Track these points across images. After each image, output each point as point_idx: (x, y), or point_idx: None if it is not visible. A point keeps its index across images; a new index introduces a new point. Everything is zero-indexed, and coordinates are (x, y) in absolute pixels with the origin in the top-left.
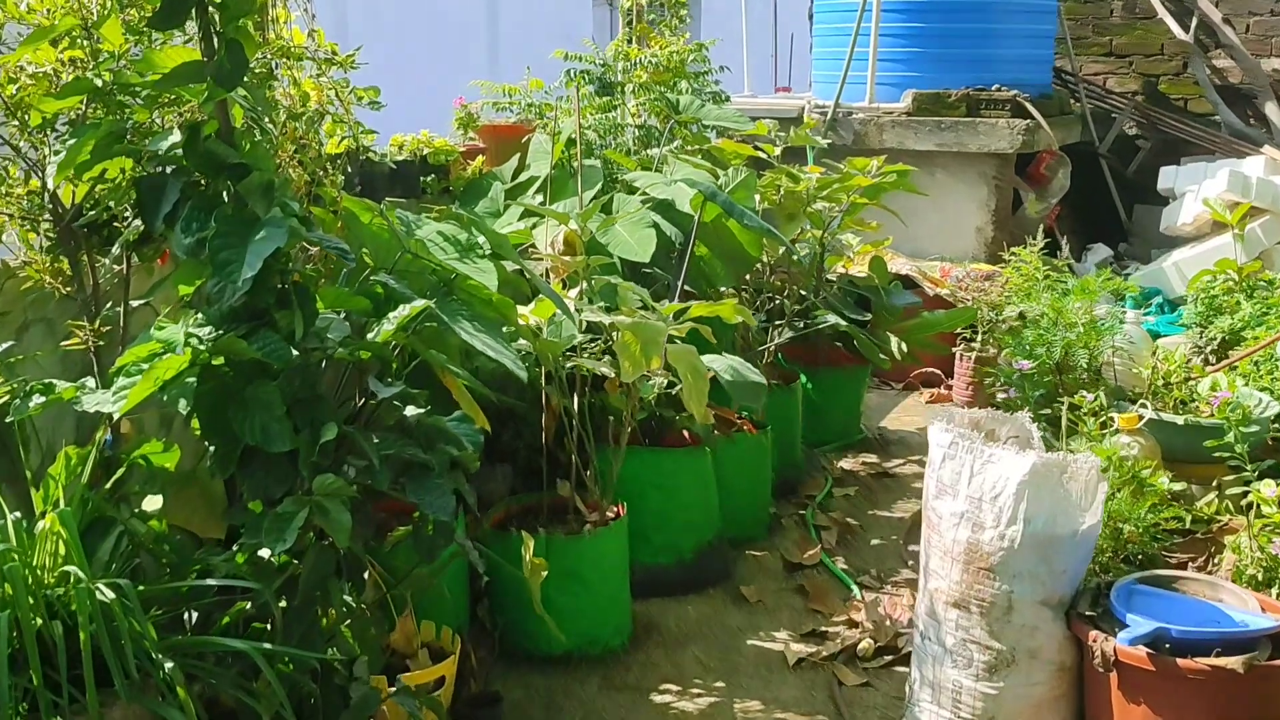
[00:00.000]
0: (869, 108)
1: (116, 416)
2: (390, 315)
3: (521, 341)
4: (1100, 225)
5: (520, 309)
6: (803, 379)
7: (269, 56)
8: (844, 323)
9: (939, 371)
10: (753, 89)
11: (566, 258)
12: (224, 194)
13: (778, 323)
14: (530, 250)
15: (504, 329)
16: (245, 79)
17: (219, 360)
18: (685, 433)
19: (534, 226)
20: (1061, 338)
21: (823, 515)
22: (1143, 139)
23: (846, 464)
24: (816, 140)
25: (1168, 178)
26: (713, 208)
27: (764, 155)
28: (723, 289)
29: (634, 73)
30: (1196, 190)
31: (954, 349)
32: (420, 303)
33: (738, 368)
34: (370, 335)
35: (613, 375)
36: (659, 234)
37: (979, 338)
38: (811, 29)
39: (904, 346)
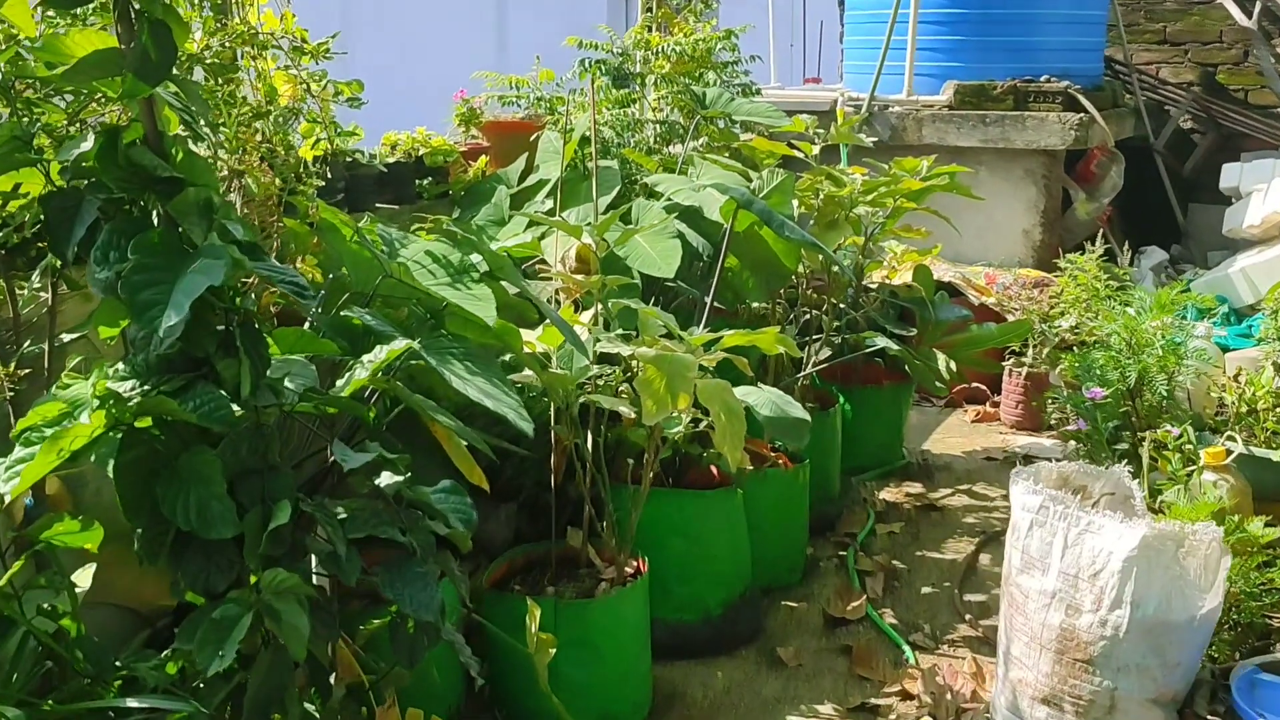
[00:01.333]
0: (907, 100)
1: (7, 500)
2: (365, 358)
3: (527, 372)
4: (1153, 226)
5: (526, 334)
6: (840, 399)
7: (229, 44)
8: (894, 345)
9: (984, 386)
10: (779, 80)
11: (579, 276)
12: (153, 215)
13: (813, 337)
14: (539, 266)
15: (506, 357)
16: (176, 72)
17: (146, 422)
18: (713, 469)
19: (542, 237)
20: (1137, 362)
21: (865, 558)
22: (1198, 133)
23: (888, 494)
24: (860, 139)
25: (1231, 175)
26: (746, 216)
27: (800, 154)
28: (754, 304)
29: (655, 62)
30: (1265, 189)
31: (1002, 364)
32: (401, 344)
33: (778, 402)
34: (340, 382)
35: (632, 415)
36: (684, 245)
37: (1030, 352)
38: (842, 15)
39: (953, 366)
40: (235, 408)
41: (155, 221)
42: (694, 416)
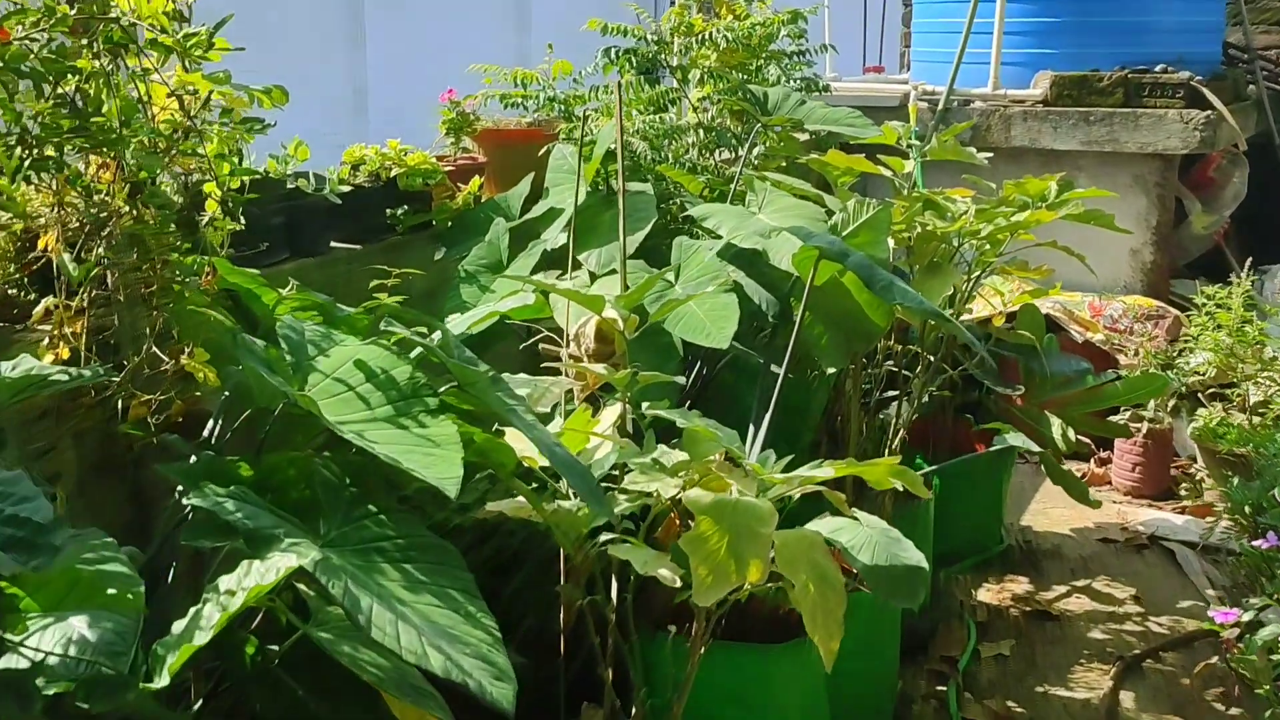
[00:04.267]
0: (992, 95)
1: None
2: (204, 615)
3: (519, 500)
4: (1274, 240)
5: (520, 444)
6: (922, 464)
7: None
8: (1030, 444)
9: (1087, 439)
10: (835, 69)
11: (598, 367)
12: None
13: (887, 394)
14: (544, 346)
15: (485, 474)
16: None
17: None
18: (779, 609)
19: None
20: None
21: (971, 701)
22: None
23: (989, 594)
24: (971, 153)
25: None
26: (831, 266)
27: (889, 172)
28: (828, 369)
29: (698, 52)
30: None
31: (1118, 422)
32: (274, 569)
33: (883, 543)
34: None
35: (675, 580)
36: (740, 298)
37: (1150, 403)
38: None
39: (1071, 434)
40: None
41: None
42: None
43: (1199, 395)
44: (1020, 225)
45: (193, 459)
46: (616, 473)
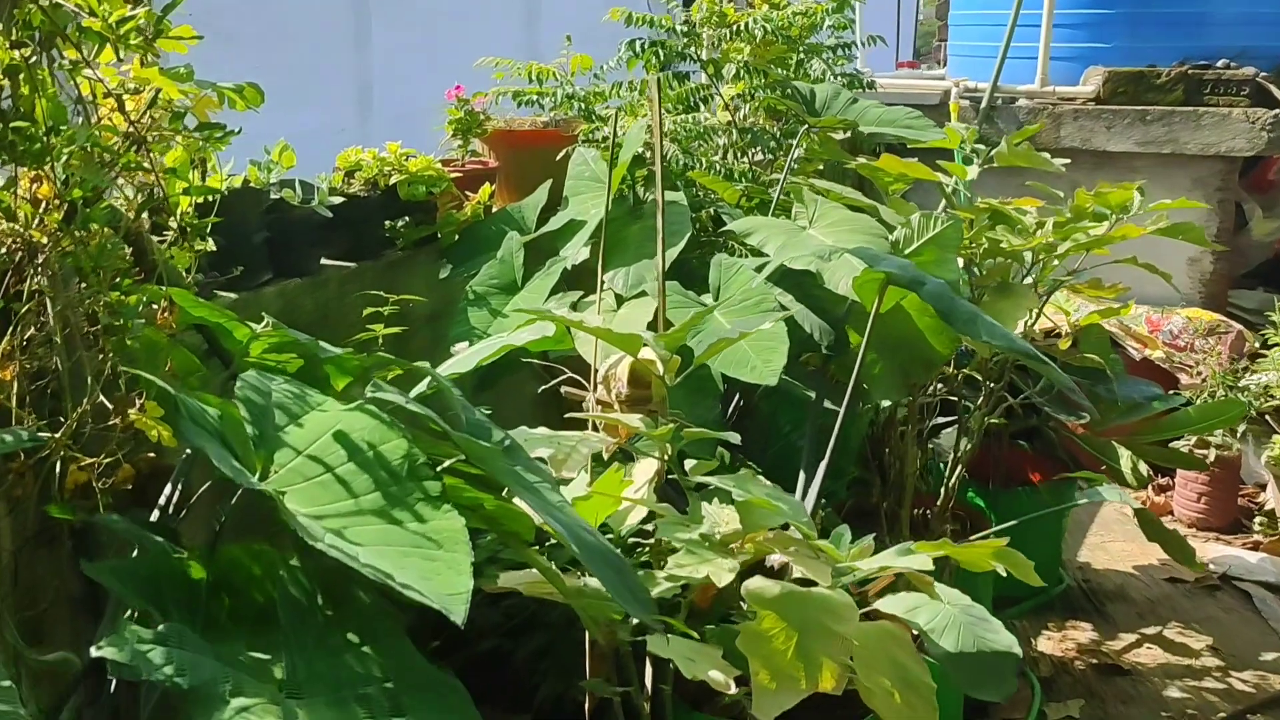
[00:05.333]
0: (1040, 92)
1: None
2: None
3: (536, 574)
4: None
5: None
6: (976, 500)
7: None
8: (1115, 492)
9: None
10: (867, 64)
11: (633, 419)
12: None
13: (939, 421)
14: (567, 391)
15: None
16: None
17: None
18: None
19: (574, 306)
20: None
21: None
22: None
23: (1051, 643)
24: (1045, 159)
25: None
26: (896, 291)
27: (948, 180)
28: (882, 402)
29: (730, 45)
30: None
31: (1187, 451)
32: None
33: (967, 626)
34: None
35: (728, 684)
36: (789, 325)
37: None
38: None
39: (1143, 468)
40: None
41: None
42: None
43: (1268, 419)
44: (1103, 241)
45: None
46: (650, 527)
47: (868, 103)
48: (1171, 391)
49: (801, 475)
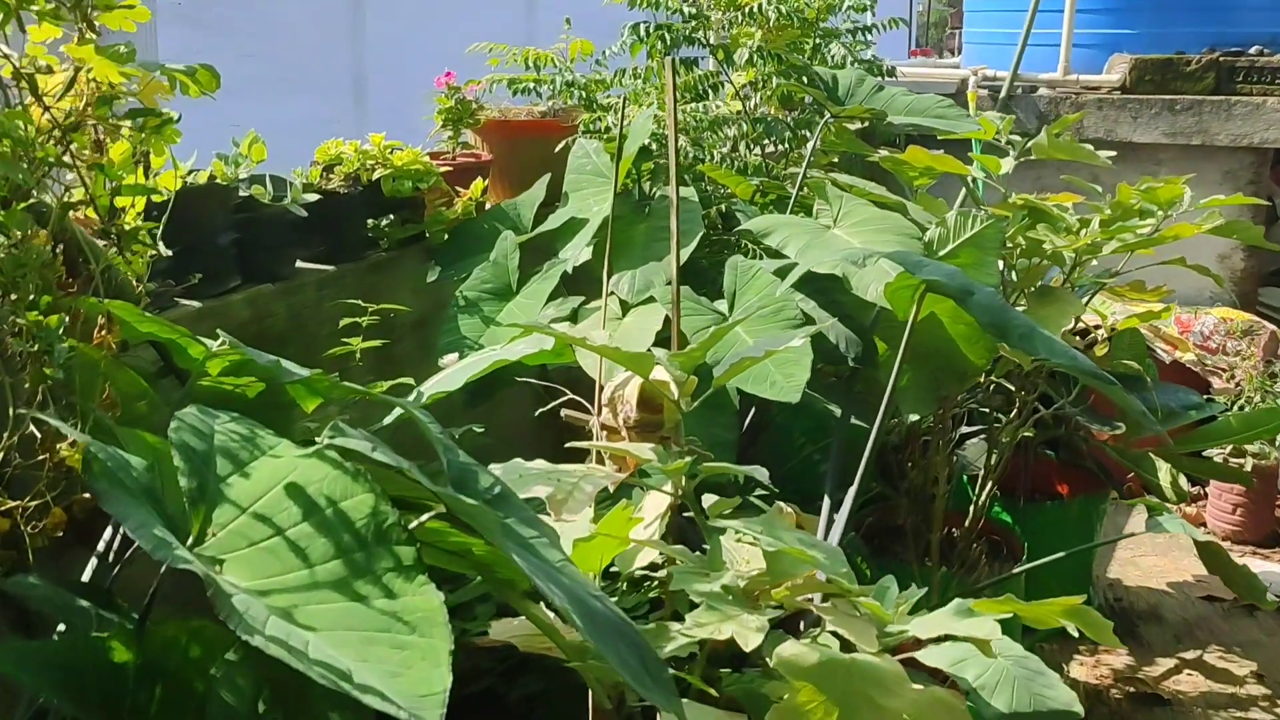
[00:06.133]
0: (1062, 80)
1: None
2: None
3: (527, 623)
4: None
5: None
6: (1003, 515)
7: None
8: (1196, 534)
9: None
10: (880, 53)
11: (643, 449)
12: None
13: (962, 430)
14: (569, 415)
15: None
16: None
17: None
18: None
19: (573, 317)
20: None
21: None
22: None
23: (1083, 669)
24: (1088, 150)
25: None
26: (934, 300)
27: (981, 174)
28: (910, 417)
29: (740, 28)
30: None
31: (1227, 462)
32: None
33: (1021, 681)
34: None
35: None
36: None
37: None
38: None
39: (1183, 482)
40: None
41: None
42: None
43: None
44: (1153, 242)
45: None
46: (659, 560)
47: (894, 90)
48: (1206, 397)
49: (826, 502)
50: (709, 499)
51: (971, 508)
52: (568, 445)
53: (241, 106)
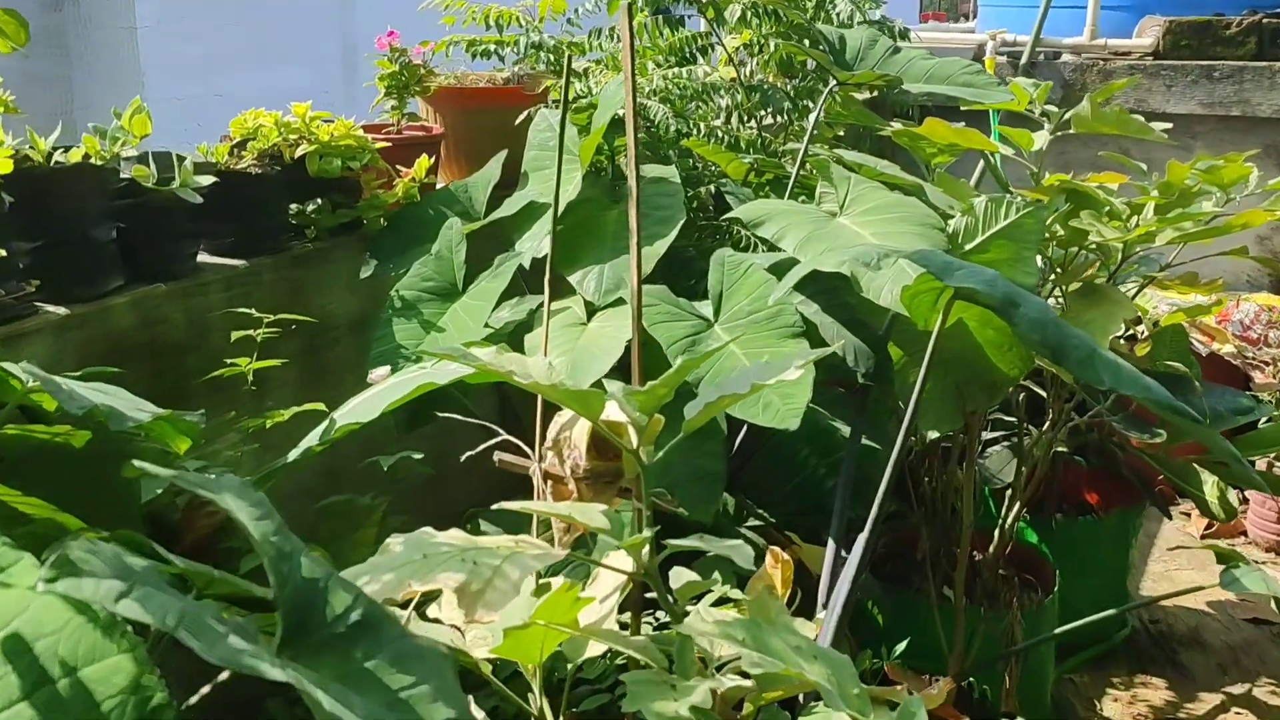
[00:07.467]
0: (1088, 45)
1: None
2: None
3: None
4: None
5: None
6: (1028, 533)
7: None
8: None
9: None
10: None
11: (593, 511)
12: None
13: (986, 438)
14: (502, 462)
15: None
16: None
17: None
18: None
19: (515, 331)
20: None
21: None
22: None
23: (1118, 706)
24: (1138, 122)
25: None
26: (964, 308)
27: (1009, 149)
28: (929, 433)
29: None
30: None
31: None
32: None
33: None
34: None
35: None
36: (813, 341)
37: None
38: None
39: (1231, 494)
40: None
41: None
42: None
43: None
44: (1216, 232)
45: None
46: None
47: (912, 52)
48: (1250, 395)
49: (831, 545)
50: (680, 582)
51: (997, 531)
52: (495, 508)
53: (225, 78)
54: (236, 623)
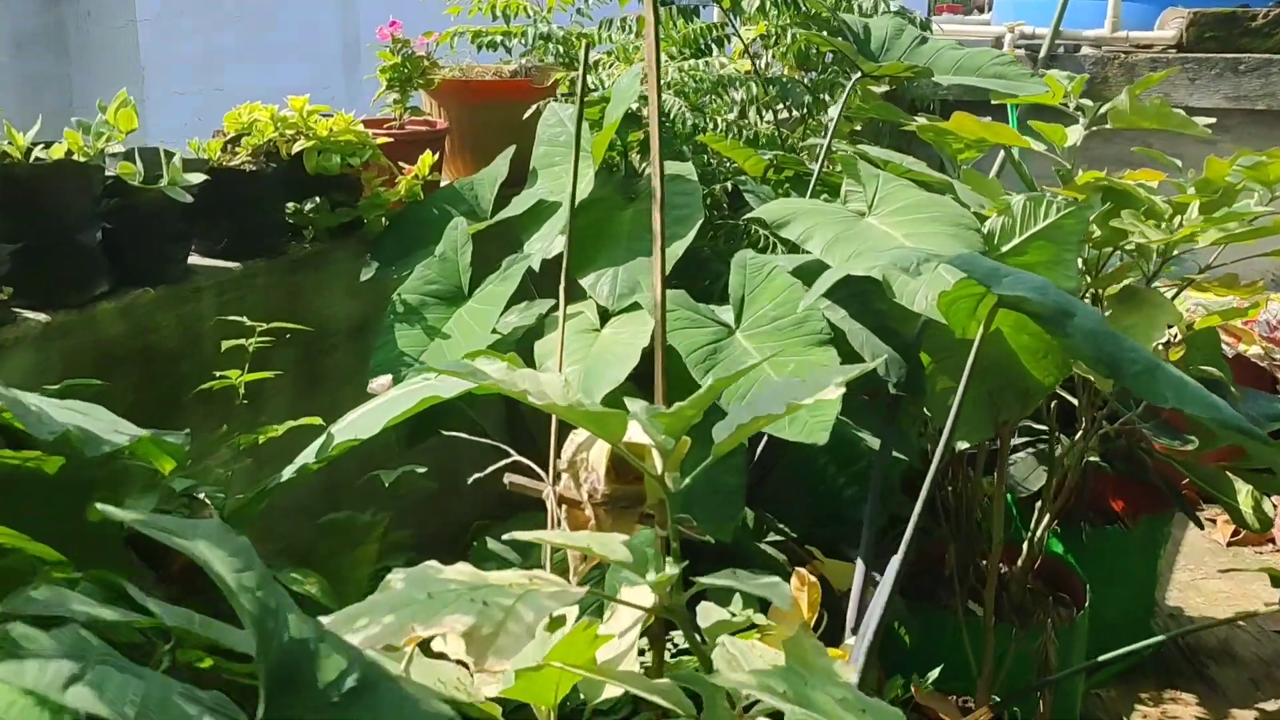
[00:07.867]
0: (1110, 38)
1: None
2: None
3: None
4: None
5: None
6: (1054, 542)
7: None
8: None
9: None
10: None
11: (614, 543)
12: None
13: (1015, 443)
14: (513, 484)
15: None
16: None
17: None
18: None
19: (541, 323)
20: None
21: None
22: None
23: None
24: (1179, 116)
25: None
26: (1000, 314)
27: (1041, 145)
28: (960, 444)
29: None
30: None
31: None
32: None
33: None
34: None
35: None
36: (841, 351)
37: None
38: None
39: (1267, 505)
40: None
41: None
42: None
43: None
44: (1265, 232)
45: None
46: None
47: (940, 42)
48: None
49: (860, 565)
50: (710, 621)
51: (1026, 544)
52: (505, 538)
53: (226, 74)
54: (211, 700)
